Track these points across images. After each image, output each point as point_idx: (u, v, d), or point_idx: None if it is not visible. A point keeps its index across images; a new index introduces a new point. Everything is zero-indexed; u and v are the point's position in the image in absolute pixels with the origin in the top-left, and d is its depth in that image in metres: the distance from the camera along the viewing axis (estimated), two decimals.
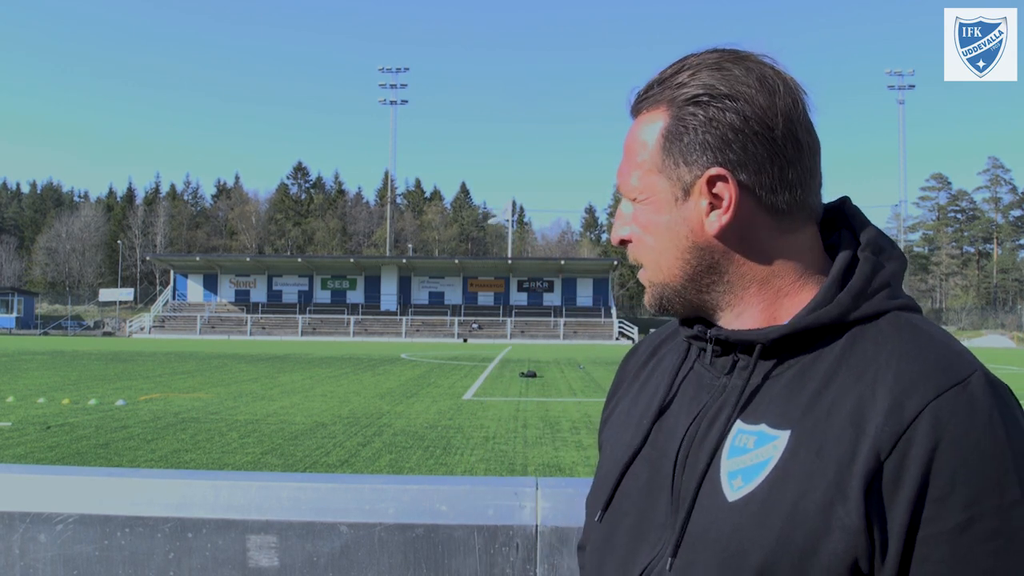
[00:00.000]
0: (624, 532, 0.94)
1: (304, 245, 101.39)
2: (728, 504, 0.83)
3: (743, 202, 0.87)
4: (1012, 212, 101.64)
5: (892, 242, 0.92)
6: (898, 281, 0.89)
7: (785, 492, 0.80)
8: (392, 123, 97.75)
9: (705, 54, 0.90)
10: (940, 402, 0.77)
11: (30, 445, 9.80)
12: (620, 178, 0.95)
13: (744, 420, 0.87)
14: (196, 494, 1.75)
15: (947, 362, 0.80)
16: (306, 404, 14.83)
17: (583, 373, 25.02)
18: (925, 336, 0.84)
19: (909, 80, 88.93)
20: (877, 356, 0.82)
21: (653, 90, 0.92)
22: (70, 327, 72.57)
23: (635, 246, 0.95)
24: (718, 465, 0.86)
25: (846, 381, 0.82)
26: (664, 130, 0.89)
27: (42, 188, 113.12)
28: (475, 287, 75.36)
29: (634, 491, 0.94)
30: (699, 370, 0.96)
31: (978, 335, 73.45)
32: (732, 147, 0.86)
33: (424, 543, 1.71)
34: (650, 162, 0.91)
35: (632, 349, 1.15)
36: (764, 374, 0.88)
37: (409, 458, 9.29)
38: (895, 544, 0.76)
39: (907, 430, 0.76)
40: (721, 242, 0.89)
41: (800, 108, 0.88)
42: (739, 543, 0.81)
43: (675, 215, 0.90)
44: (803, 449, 0.81)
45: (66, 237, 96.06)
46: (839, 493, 0.77)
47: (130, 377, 20.81)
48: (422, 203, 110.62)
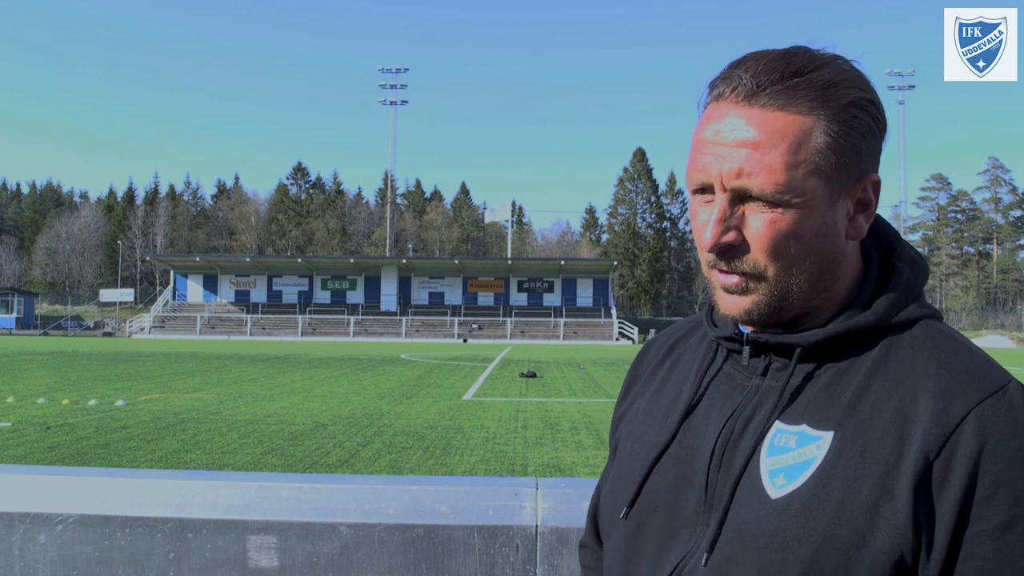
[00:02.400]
0: (653, 529, 0.94)
1: (304, 245, 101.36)
2: (771, 501, 0.84)
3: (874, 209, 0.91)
4: (1012, 212, 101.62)
5: (920, 253, 0.95)
6: (922, 290, 0.93)
7: (831, 491, 0.82)
8: (392, 123, 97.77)
9: (822, 54, 0.88)
10: (983, 408, 0.81)
11: (30, 445, 9.80)
12: (757, 175, 0.85)
13: (783, 420, 0.88)
14: (196, 494, 1.75)
15: (984, 371, 0.84)
16: (306, 404, 14.82)
17: (583, 373, 25.00)
18: (959, 345, 0.87)
19: (909, 80, 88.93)
20: (915, 363, 0.86)
21: (791, 83, 0.85)
22: (70, 327, 72.55)
23: (758, 252, 0.87)
24: (757, 463, 0.87)
25: (885, 386, 0.85)
26: (829, 131, 0.85)
27: (42, 188, 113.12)
28: (475, 287, 75.33)
29: (662, 488, 0.94)
30: (729, 371, 0.96)
31: (978, 335, 73.43)
32: (876, 153, 0.89)
33: (424, 543, 1.71)
34: (810, 163, 0.85)
35: (645, 347, 1.14)
36: (804, 376, 0.90)
37: (409, 458, 9.28)
38: (942, 540, 0.79)
39: (953, 433, 0.80)
40: (848, 248, 0.91)
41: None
42: (783, 539, 0.82)
43: (827, 219, 0.87)
44: (847, 450, 0.83)
45: (66, 237, 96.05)
46: (885, 492, 0.80)
47: (130, 377, 20.81)
48: (422, 203, 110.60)
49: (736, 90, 0.86)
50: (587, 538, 1.19)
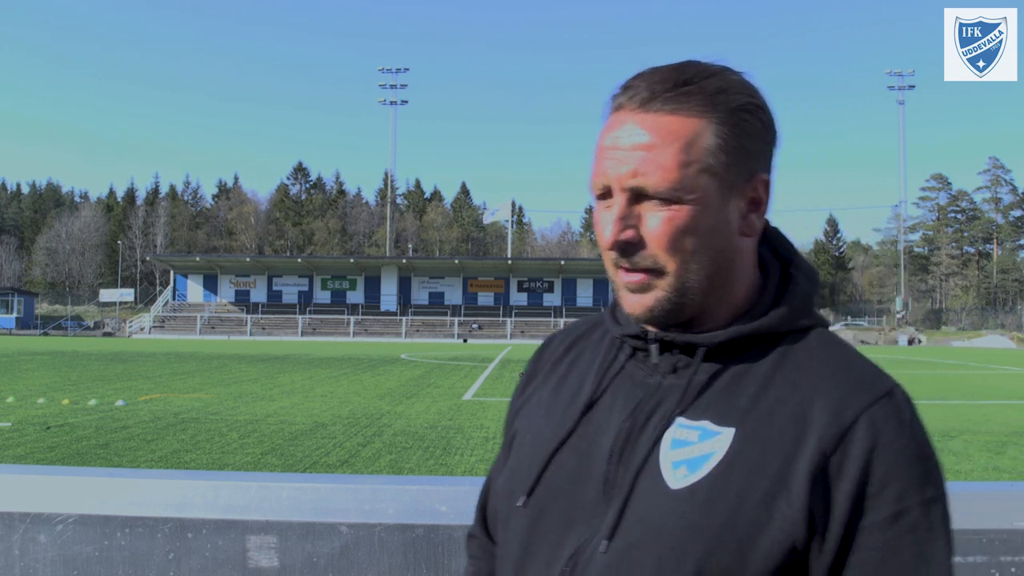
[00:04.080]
0: (552, 518, 0.96)
1: (304, 245, 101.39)
2: (672, 492, 0.88)
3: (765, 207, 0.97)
4: (1012, 212, 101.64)
5: (812, 266, 1.02)
6: (816, 301, 1.00)
7: (731, 483, 0.87)
8: (392, 123, 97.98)
9: (712, 65, 0.95)
10: (874, 410, 0.87)
11: (30, 445, 9.80)
12: (651, 175, 0.90)
13: (685, 416, 0.92)
14: (196, 494, 1.75)
15: (873, 376, 0.92)
16: (306, 404, 14.83)
17: None
18: (851, 353, 0.95)
19: (909, 80, 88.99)
20: (811, 367, 0.92)
21: (682, 90, 0.91)
22: (70, 327, 72.58)
23: (655, 248, 0.92)
24: (657, 456, 0.91)
25: (784, 387, 0.91)
26: (718, 133, 0.91)
27: (42, 188, 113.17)
28: (475, 287, 75.36)
29: (561, 478, 0.97)
30: (631, 368, 1.00)
31: (978, 335, 73.42)
32: (766, 155, 0.96)
33: (424, 543, 1.71)
34: (701, 162, 0.90)
35: (545, 343, 1.17)
36: (706, 375, 0.94)
37: (409, 458, 9.29)
38: (835, 530, 0.85)
39: (848, 432, 0.86)
40: (742, 245, 0.96)
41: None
42: (683, 528, 0.86)
43: (720, 215, 0.93)
44: (748, 445, 0.88)
45: (66, 237, 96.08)
46: (782, 486, 0.85)
47: (130, 377, 20.81)
48: (422, 203, 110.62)
49: (632, 99, 0.92)
50: (475, 529, 1.22)
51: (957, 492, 1.69)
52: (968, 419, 13.43)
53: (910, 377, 24.67)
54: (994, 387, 20.95)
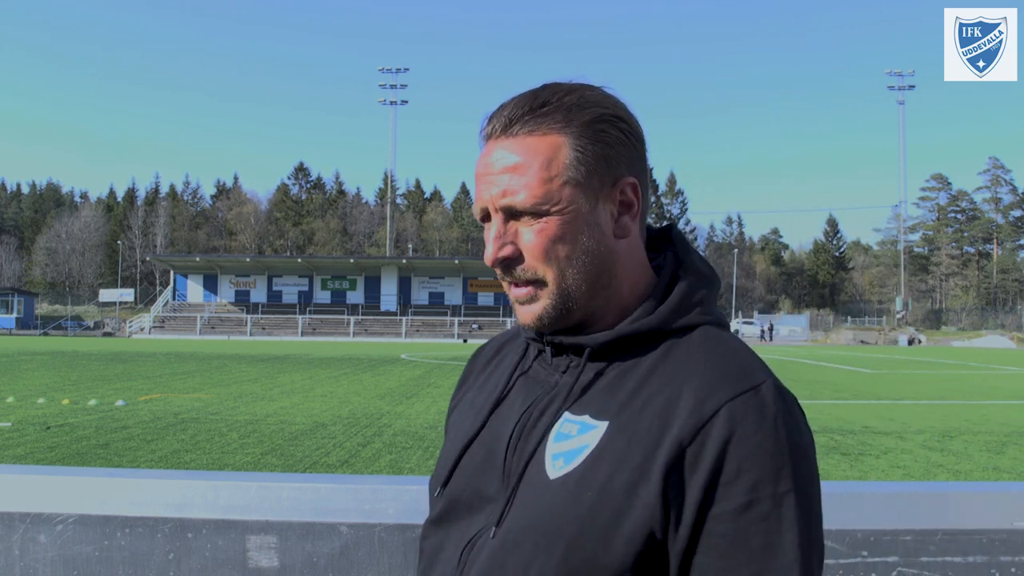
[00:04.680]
0: (463, 507, 1.04)
1: (304, 245, 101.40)
2: (549, 482, 0.95)
3: (641, 208, 1.02)
4: (1012, 212, 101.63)
5: (710, 266, 1.07)
6: (711, 300, 1.03)
7: (598, 473, 0.92)
8: (392, 123, 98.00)
9: (569, 84, 1.01)
10: (735, 403, 0.90)
11: (30, 445, 9.80)
12: (518, 193, 0.97)
13: (571, 412, 0.99)
14: (196, 494, 1.75)
15: (744, 371, 0.94)
16: (306, 404, 14.83)
17: None
18: (728, 348, 0.98)
19: (909, 80, 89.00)
20: (687, 362, 0.96)
21: (539, 111, 0.98)
22: (70, 327, 72.58)
23: (532, 260, 0.99)
24: (544, 448, 0.98)
25: (659, 382, 0.96)
26: (576, 146, 0.97)
27: (42, 188, 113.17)
28: (475, 287, 75.36)
29: (471, 469, 1.05)
30: (536, 368, 1.08)
31: (978, 335, 73.42)
32: (632, 158, 1.01)
33: None
34: (563, 175, 0.97)
35: (480, 348, 1.27)
36: (594, 373, 1.00)
37: (409, 458, 9.29)
38: (688, 518, 0.89)
39: (706, 424, 0.90)
40: (619, 247, 1.01)
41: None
42: (555, 515, 0.93)
43: (590, 222, 0.99)
44: (617, 437, 0.94)
45: (66, 237, 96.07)
46: (643, 475, 0.90)
47: (130, 377, 20.81)
48: (422, 203, 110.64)
49: (495, 127, 1.00)
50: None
51: (957, 492, 1.69)
52: (968, 419, 13.43)
53: (910, 377, 24.67)
54: (994, 387, 20.94)
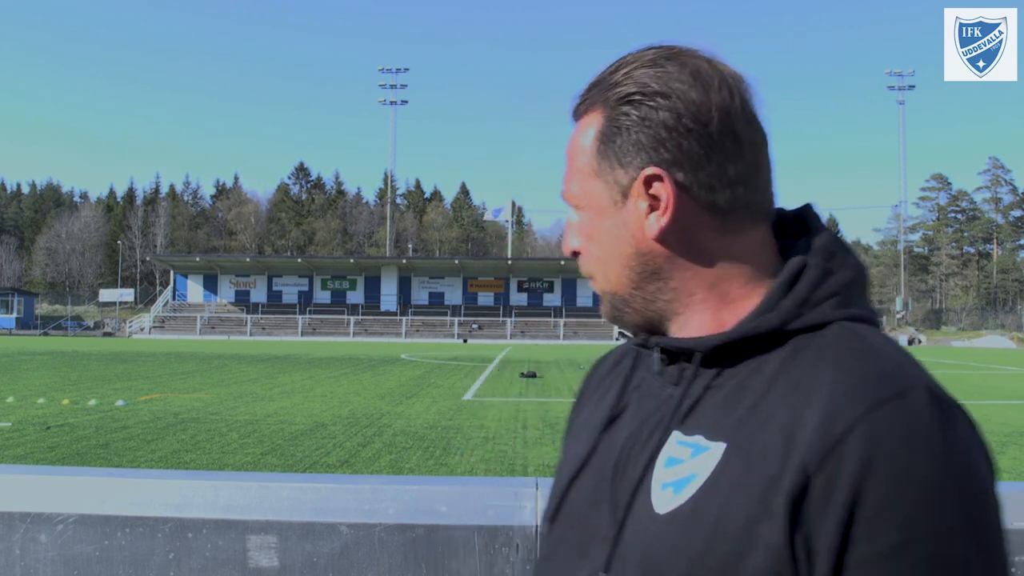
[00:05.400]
0: (568, 545, 0.90)
1: (304, 245, 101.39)
2: (657, 516, 0.79)
3: (682, 202, 0.83)
4: (1012, 212, 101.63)
5: (848, 248, 0.87)
6: (852, 290, 0.84)
7: (709, 507, 0.76)
8: (392, 123, 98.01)
9: (641, 52, 0.86)
10: (875, 416, 0.71)
11: (30, 445, 9.80)
12: (563, 186, 0.92)
13: (683, 431, 0.83)
14: (196, 494, 1.75)
15: (887, 374, 0.75)
16: (306, 404, 14.83)
17: (583, 373, 24.95)
18: (867, 346, 0.78)
19: (909, 80, 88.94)
20: (815, 367, 0.77)
21: (590, 92, 0.88)
22: (70, 327, 72.56)
23: (583, 257, 0.92)
24: (651, 476, 0.82)
25: (783, 393, 0.77)
26: (598, 132, 0.86)
27: (42, 188, 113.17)
28: (475, 287, 75.35)
29: (579, 502, 0.90)
30: (649, 379, 0.92)
31: (978, 335, 73.44)
32: (666, 146, 0.83)
33: (424, 543, 1.71)
34: (588, 167, 0.88)
35: (600, 358, 1.11)
36: (705, 384, 0.84)
37: (409, 458, 9.28)
38: (823, 565, 0.71)
39: (837, 445, 0.71)
40: (663, 246, 0.85)
41: (738, 101, 0.83)
42: (662, 560, 0.77)
43: (616, 220, 0.87)
44: (733, 462, 0.76)
45: (66, 237, 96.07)
46: (765, 510, 0.72)
47: (130, 377, 20.81)
48: (422, 203, 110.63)
49: (571, 109, 0.92)
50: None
51: None
52: None
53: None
54: (994, 387, 20.94)
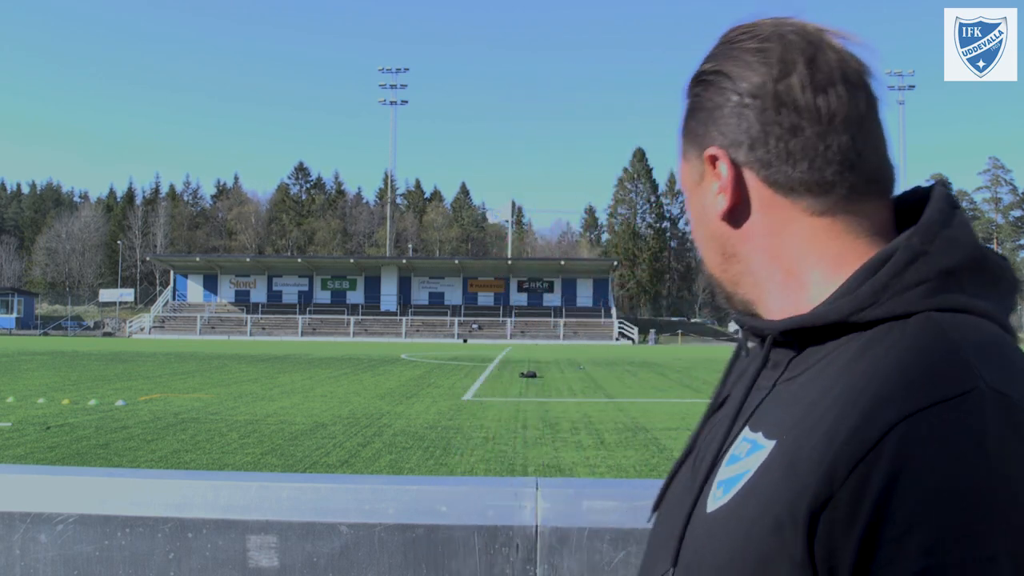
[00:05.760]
0: (658, 537, 0.87)
1: (305, 245, 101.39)
2: (707, 515, 0.76)
3: (744, 181, 0.79)
4: (1012, 212, 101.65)
5: (961, 228, 0.74)
6: (952, 277, 0.71)
7: (747, 509, 0.70)
8: (392, 123, 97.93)
9: (731, 28, 0.84)
10: (914, 421, 0.61)
11: (30, 445, 9.80)
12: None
13: (750, 426, 0.77)
14: (196, 494, 1.76)
15: (942, 372, 0.64)
16: (306, 404, 14.83)
17: (583, 373, 25.00)
18: (938, 340, 0.67)
19: (909, 80, 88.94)
20: (875, 363, 0.68)
21: (696, 72, 0.86)
22: (70, 327, 72.56)
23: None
24: (715, 473, 0.78)
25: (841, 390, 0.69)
26: (682, 114, 0.85)
27: (42, 188, 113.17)
28: (475, 287, 75.35)
29: (675, 494, 0.87)
30: (747, 366, 0.84)
31: None
32: (726, 124, 0.79)
33: (424, 543, 1.71)
34: (679, 148, 0.87)
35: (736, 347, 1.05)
36: (777, 375, 0.78)
37: (409, 458, 9.29)
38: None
39: (869, 453, 0.62)
40: (731, 226, 0.81)
41: (802, 73, 0.76)
42: (701, 558, 0.74)
43: (697, 201, 0.85)
44: (777, 463, 0.69)
45: (66, 237, 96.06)
46: (793, 518, 0.66)
47: (130, 377, 20.81)
48: (422, 203, 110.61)
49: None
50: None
51: None
52: None
53: None
54: None
